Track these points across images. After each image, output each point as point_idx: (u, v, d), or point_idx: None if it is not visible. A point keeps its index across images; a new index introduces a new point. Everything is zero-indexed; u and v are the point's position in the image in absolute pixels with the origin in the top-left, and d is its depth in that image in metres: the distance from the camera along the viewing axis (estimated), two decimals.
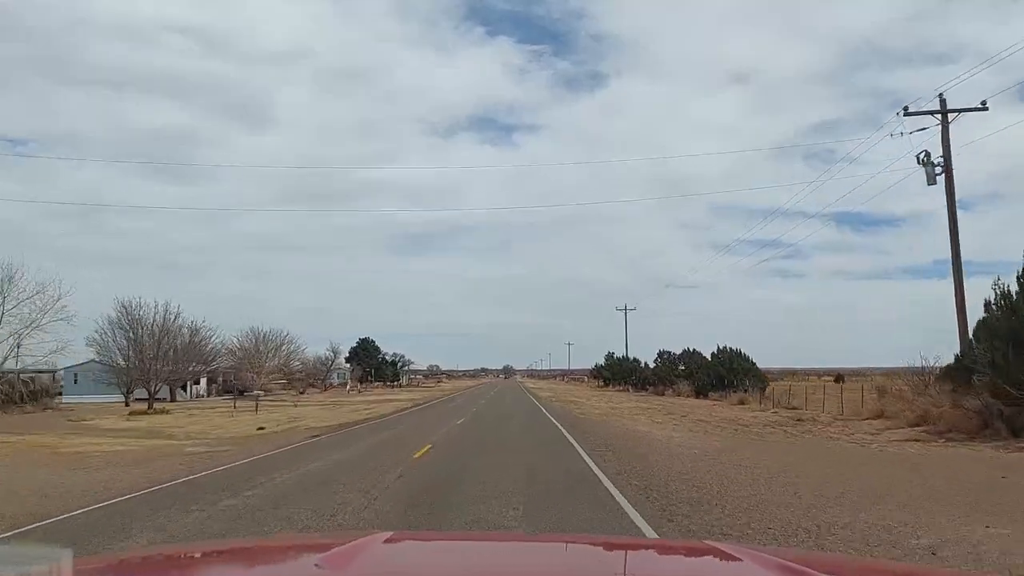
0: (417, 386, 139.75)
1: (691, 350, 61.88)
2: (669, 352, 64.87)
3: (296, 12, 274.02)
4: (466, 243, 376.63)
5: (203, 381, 72.44)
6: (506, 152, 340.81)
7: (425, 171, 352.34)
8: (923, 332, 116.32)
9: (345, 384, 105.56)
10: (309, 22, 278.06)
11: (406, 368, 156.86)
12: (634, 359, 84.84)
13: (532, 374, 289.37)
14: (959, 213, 23.49)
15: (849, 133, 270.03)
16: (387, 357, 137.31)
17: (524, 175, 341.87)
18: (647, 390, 72.07)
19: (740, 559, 2.11)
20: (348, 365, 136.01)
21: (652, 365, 76.76)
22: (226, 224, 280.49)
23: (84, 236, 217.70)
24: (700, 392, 53.92)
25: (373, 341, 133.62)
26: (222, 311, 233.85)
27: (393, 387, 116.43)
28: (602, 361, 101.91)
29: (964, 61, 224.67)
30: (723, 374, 51.60)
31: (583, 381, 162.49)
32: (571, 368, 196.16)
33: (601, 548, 2.71)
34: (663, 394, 61.56)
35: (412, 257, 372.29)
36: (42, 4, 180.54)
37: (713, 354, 53.48)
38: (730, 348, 52.88)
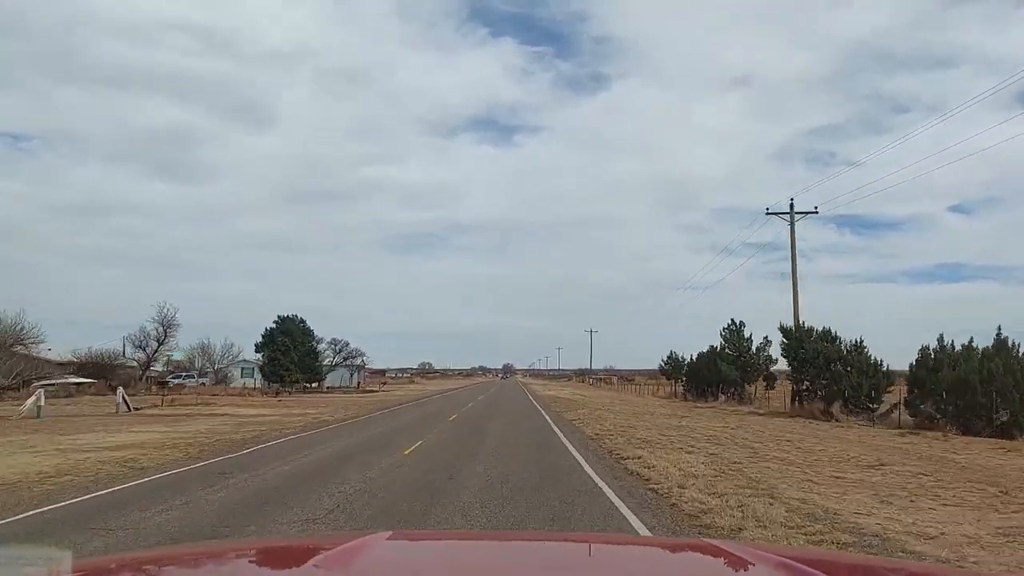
0: (358, 388, 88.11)
1: None
2: None
3: (297, 12, 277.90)
4: (466, 242, 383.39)
5: None
6: (508, 152, 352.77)
7: (426, 171, 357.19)
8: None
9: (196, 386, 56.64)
10: (310, 22, 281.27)
11: (357, 362, 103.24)
12: (823, 331, 32.72)
13: (535, 373, 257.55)
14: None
15: (849, 136, 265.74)
16: (317, 346, 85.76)
17: (526, 175, 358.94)
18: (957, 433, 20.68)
19: (742, 557, 1.99)
20: (258, 356, 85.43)
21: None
22: (225, 222, 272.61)
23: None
24: None
25: (302, 321, 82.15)
26: (219, 308, 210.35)
27: (286, 396, 64.91)
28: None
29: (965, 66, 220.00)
30: None
31: (612, 383, 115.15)
32: (592, 367, 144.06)
33: (601, 547, 2.56)
34: None
35: (412, 256, 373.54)
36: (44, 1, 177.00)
37: None
38: None
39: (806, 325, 33.68)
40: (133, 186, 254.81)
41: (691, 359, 53.78)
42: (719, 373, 40.74)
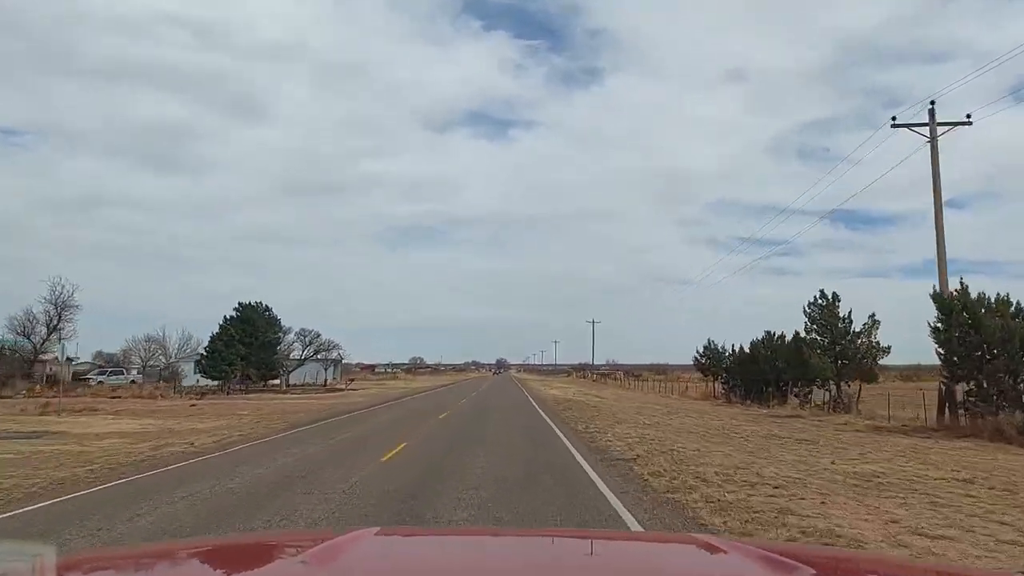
0: (325, 387, 75.33)
1: None
2: None
3: (295, 7, 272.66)
4: (464, 236, 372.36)
5: None
6: (502, 146, 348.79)
7: (423, 165, 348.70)
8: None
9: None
10: (308, 17, 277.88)
11: (333, 355, 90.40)
12: (1001, 299, 20.37)
13: (530, 368, 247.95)
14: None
15: (844, 129, 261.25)
16: (284, 337, 73.45)
17: (523, 169, 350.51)
18: None
19: (726, 551, 1.98)
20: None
21: None
22: (224, 217, 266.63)
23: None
24: None
25: (267, 309, 70.23)
26: (217, 304, 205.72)
27: (222, 396, 52.65)
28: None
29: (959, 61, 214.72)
30: None
31: (618, 380, 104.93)
32: (594, 362, 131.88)
33: (588, 541, 2.57)
34: None
35: (409, 250, 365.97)
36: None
37: None
38: None
39: (968, 289, 21.37)
40: (132, 180, 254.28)
41: (737, 350, 41.55)
42: (803, 367, 28.42)
